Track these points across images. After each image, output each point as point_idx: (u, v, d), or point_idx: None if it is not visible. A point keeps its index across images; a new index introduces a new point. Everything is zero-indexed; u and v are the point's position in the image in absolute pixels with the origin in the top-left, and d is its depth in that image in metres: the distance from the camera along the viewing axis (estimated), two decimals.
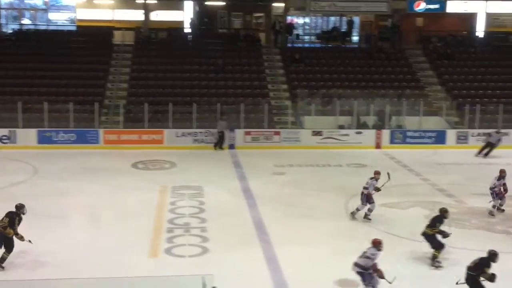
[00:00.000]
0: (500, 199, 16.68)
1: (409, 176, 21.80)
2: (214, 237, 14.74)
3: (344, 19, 35.84)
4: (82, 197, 18.22)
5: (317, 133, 26.53)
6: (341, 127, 27.22)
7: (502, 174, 16.67)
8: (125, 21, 34.15)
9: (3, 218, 12.38)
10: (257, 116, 27.11)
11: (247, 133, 26.21)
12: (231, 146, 25.86)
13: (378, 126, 27.13)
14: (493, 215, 16.60)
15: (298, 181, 20.72)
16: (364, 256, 11.30)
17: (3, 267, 12.24)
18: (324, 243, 14.41)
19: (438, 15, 33.32)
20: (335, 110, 27.56)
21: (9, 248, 12.31)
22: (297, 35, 36.16)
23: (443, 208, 14.07)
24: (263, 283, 12.11)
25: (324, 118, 27.62)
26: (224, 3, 33.60)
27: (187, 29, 34.52)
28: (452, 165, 23.26)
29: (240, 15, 35.99)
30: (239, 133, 26.12)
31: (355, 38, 36.11)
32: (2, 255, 12.30)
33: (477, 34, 35.43)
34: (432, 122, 27.65)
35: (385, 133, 26.74)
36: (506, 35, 35.29)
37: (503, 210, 16.90)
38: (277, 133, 26.30)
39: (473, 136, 26.84)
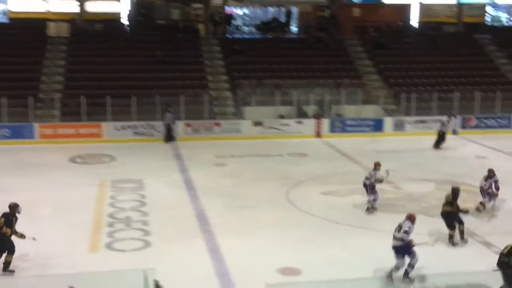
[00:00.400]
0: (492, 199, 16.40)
1: (349, 164, 22.13)
2: (156, 230, 14.61)
3: (283, 9, 35.98)
4: (19, 193, 17.48)
5: (257, 124, 26.60)
6: (281, 117, 27.36)
7: (490, 174, 16.21)
8: (60, 12, 33.25)
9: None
10: (197, 107, 26.92)
11: (188, 125, 26.06)
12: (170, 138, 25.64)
13: (318, 116, 27.39)
14: (480, 211, 16.15)
15: (240, 171, 20.74)
16: (403, 231, 11.72)
17: (13, 271, 11.84)
18: (266, 233, 14.47)
19: (374, 6, 33.88)
20: (275, 100, 27.68)
21: (11, 249, 11.90)
22: (236, 26, 36.08)
23: (455, 186, 14.54)
24: (206, 274, 12.07)
25: (264, 108, 27.69)
26: None
27: (125, 21, 33.92)
28: (390, 152, 23.68)
29: (179, 6, 35.59)
30: (180, 125, 25.93)
31: (294, 29, 36.29)
32: (5, 259, 11.87)
33: (411, 24, 36.18)
34: (370, 111, 28.13)
35: (325, 122, 27.07)
36: (439, 24, 36.23)
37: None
38: (218, 124, 26.25)
39: (409, 123, 27.49)
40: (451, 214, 13.99)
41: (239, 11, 37.33)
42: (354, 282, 10.76)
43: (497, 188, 16.22)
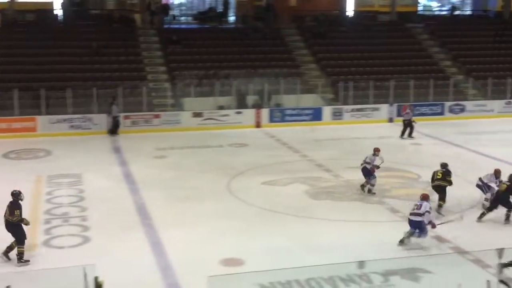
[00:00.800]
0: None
1: (289, 153, 22.27)
2: (95, 225, 14.33)
3: None
4: None
5: (197, 115, 26.47)
6: (221, 107, 27.29)
7: (496, 175, 15.62)
8: None
9: (6, 210, 12.11)
10: (135, 99, 26.56)
11: (126, 117, 25.65)
12: (111, 131, 25.22)
13: (258, 105, 27.46)
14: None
15: (180, 163, 20.59)
16: (425, 210, 12.74)
17: (27, 261, 11.83)
18: (208, 224, 14.42)
19: None
20: (215, 91, 27.59)
21: (21, 239, 11.80)
22: (174, 16, 35.73)
23: (444, 162, 15.61)
24: (148, 268, 11.92)
25: (204, 99, 27.56)
26: None
27: (58, 11, 33.06)
28: (329, 141, 24.00)
29: None
30: None
31: (232, 18, 36.23)
32: (17, 250, 11.77)
33: (347, 13, 36.62)
34: (309, 100, 28.35)
35: (265, 112, 27.18)
36: (374, 14, 36.83)
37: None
38: (157, 116, 25.96)
39: (347, 112, 27.87)
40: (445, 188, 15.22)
41: (176, 1, 36.96)
42: (296, 270, 10.86)
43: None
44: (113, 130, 24.89)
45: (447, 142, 23.69)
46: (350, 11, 36.75)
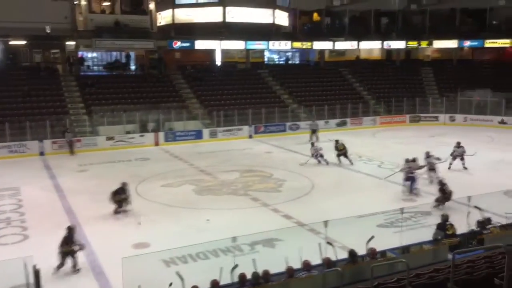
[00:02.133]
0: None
1: (179, 163, 22.01)
2: (33, 225, 13.32)
3: (123, 53, 34.68)
4: None
5: (110, 138, 25.36)
6: (128, 132, 26.35)
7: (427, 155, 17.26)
8: None
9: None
10: (61, 129, 24.93)
11: (54, 142, 23.99)
12: (41, 153, 23.49)
13: (156, 130, 26.85)
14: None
15: (99, 174, 19.62)
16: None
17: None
18: (121, 219, 13.88)
19: (190, 50, 33.93)
20: (123, 120, 26.64)
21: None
22: (88, 66, 34.06)
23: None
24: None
25: (115, 127, 26.43)
26: (25, 42, 30.16)
27: None
28: (208, 153, 24.00)
29: (40, 51, 32.68)
30: (47, 143, 23.81)
31: (133, 67, 35.17)
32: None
33: (217, 63, 36.94)
34: (192, 124, 28.17)
35: (161, 134, 26.59)
36: (235, 63, 37.42)
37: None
38: (78, 140, 24.54)
39: (220, 132, 28.01)
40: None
41: (89, 54, 35.27)
42: (189, 247, 10.74)
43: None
44: (71, 151, 23.63)
45: (289, 150, 24.57)
46: (218, 61, 37.06)
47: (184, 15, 18.39)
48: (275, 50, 39.37)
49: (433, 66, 39.04)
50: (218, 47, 33.58)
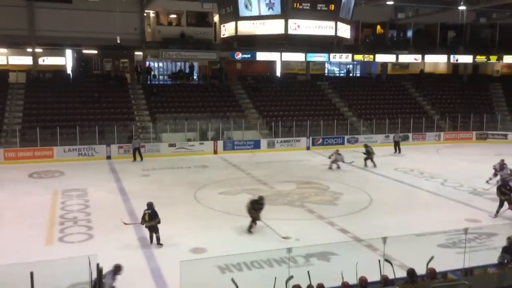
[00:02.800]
0: None
1: (237, 172, 22.26)
2: (97, 225, 13.93)
3: (187, 63, 35.78)
4: None
5: (172, 145, 26.16)
6: (188, 140, 27.08)
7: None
8: (18, 65, 31.10)
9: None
10: (126, 134, 26.07)
11: (120, 147, 25.08)
12: (108, 157, 24.62)
13: (215, 138, 27.38)
14: None
15: (160, 180, 20.26)
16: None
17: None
18: (180, 223, 14.22)
19: (251, 61, 34.45)
20: (184, 128, 27.40)
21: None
22: (154, 75, 35.43)
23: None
24: (137, 257, 11.65)
25: (176, 134, 27.26)
26: (97, 52, 31.89)
27: (69, 71, 32.35)
28: (265, 163, 24.12)
29: (110, 60, 34.41)
30: (114, 147, 24.94)
31: (196, 77, 36.16)
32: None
33: (277, 74, 37.20)
34: (251, 134, 28.46)
35: (220, 143, 27.06)
36: (294, 75, 37.49)
37: None
38: (143, 146, 25.45)
39: (278, 143, 28.08)
40: None
41: (156, 64, 36.70)
42: (244, 255, 10.81)
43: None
44: (140, 157, 24.20)
45: (346, 163, 24.17)
46: (278, 72, 37.31)
47: (246, 27, 18.64)
48: (336, 62, 39.05)
49: (502, 81, 37.15)
50: (278, 58, 33.81)
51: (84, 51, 31.71)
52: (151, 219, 12.40)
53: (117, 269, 9.09)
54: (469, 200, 16.81)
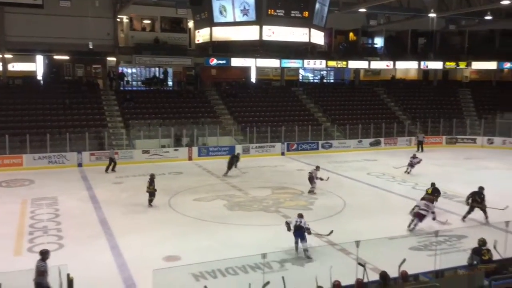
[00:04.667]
0: None
1: (212, 178, 22.16)
2: (68, 235, 13.61)
3: (162, 69, 35.53)
4: None
5: (145, 152, 25.87)
6: (163, 146, 26.83)
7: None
8: None
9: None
10: (99, 141, 25.67)
11: (92, 154, 24.66)
12: (79, 165, 24.16)
13: (190, 144, 27.21)
14: None
15: (133, 187, 19.95)
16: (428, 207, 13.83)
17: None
18: (154, 230, 14.05)
19: (226, 67, 34.46)
20: (158, 134, 27.14)
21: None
22: (127, 81, 35.01)
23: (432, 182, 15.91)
24: (108, 266, 11.43)
25: (150, 140, 26.98)
26: (68, 57, 31.33)
27: (39, 77, 31.70)
28: (239, 170, 24.03)
29: (82, 66, 33.86)
30: (85, 154, 24.50)
31: (170, 83, 35.92)
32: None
33: (252, 80, 37.29)
34: (226, 140, 28.39)
35: (195, 149, 26.90)
36: (269, 81, 37.66)
37: None
38: (116, 153, 24.99)
39: (253, 148, 28.09)
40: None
41: (129, 70, 36.30)
42: (218, 262, 10.74)
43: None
44: (112, 166, 23.14)
45: (321, 169, 24.32)
46: (253, 78, 37.42)
47: (221, 33, 18.66)
48: (310, 68, 39.41)
49: (471, 87, 38.14)
50: (253, 64, 33.93)
51: (55, 57, 31.11)
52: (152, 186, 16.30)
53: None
54: (440, 204, 17.11)
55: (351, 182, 20.94)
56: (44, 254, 9.28)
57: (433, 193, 15.82)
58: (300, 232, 11.94)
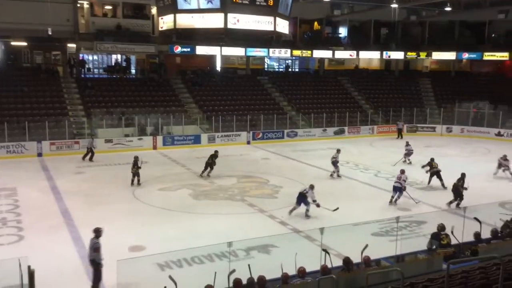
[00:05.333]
0: None
1: (177, 167, 22.00)
2: (28, 226, 13.23)
3: (124, 56, 34.73)
4: None
5: (108, 141, 25.34)
6: (126, 135, 26.34)
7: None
8: None
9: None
10: (60, 130, 24.93)
11: (52, 144, 23.95)
12: (39, 154, 23.45)
13: (154, 133, 26.85)
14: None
15: (96, 177, 19.58)
16: (402, 180, 15.62)
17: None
18: (118, 221, 13.82)
19: (191, 55, 34.03)
20: (122, 123, 26.63)
21: None
22: (88, 68, 34.07)
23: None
24: (71, 257, 11.20)
25: (113, 129, 26.43)
26: (26, 44, 30.15)
27: None
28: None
29: (41, 53, 32.66)
30: (45, 144, 23.77)
31: (133, 71, 35.19)
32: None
33: (217, 68, 37.04)
34: (191, 129, 28.18)
35: (159, 138, 26.58)
36: (235, 69, 37.50)
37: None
38: (77, 142, 24.48)
39: (218, 137, 28.00)
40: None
41: (90, 57, 35.32)
42: (184, 251, 10.70)
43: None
44: (90, 157, 22.65)
45: (286, 157, 24.59)
46: (218, 67, 37.17)
47: (185, 21, 18.36)
48: (275, 57, 39.47)
49: (431, 77, 39.19)
50: (218, 53, 33.66)
51: (13, 43, 29.90)
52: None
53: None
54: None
55: (316, 170, 21.20)
56: (97, 232, 9.78)
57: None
58: (302, 198, 14.25)
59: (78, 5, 30.35)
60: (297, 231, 12.91)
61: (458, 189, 15.36)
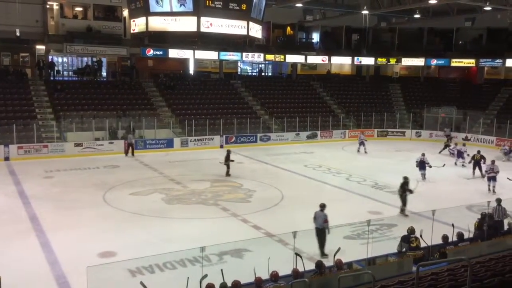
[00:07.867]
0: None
1: (149, 171, 21.70)
2: None
3: (95, 59, 34.14)
4: None
5: (78, 145, 24.83)
6: (97, 139, 25.88)
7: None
8: None
9: None
10: (28, 134, 24.29)
11: (20, 148, 23.32)
12: (7, 158, 22.77)
13: (125, 137, 26.43)
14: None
15: (65, 181, 19.13)
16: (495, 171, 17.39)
17: None
18: (88, 227, 13.54)
19: (163, 59, 33.73)
20: (92, 126, 26.14)
21: None
22: (58, 70, 33.32)
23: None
24: (39, 263, 10.88)
25: (83, 133, 25.95)
26: None
27: None
28: (178, 162, 23.78)
29: (9, 54, 31.77)
30: (13, 148, 23.12)
31: (104, 74, 34.63)
32: None
33: (190, 72, 36.83)
34: (164, 133, 27.92)
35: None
36: (208, 73, 37.39)
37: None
38: (46, 146, 23.92)
39: (191, 141, 27.81)
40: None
41: (60, 59, 34.57)
42: (156, 257, 10.56)
43: None
44: (131, 152, 25.14)
45: (259, 161, 24.62)
46: (191, 70, 36.96)
47: (158, 23, 18.20)
48: (249, 61, 39.55)
49: (401, 82, 40.00)
50: (191, 56, 33.49)
51: None
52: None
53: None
54: (372, 194, 17.89)
55: (288, 174, 21.31)
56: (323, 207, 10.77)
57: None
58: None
59: (48, 6, 29.74)
60: (270, 235, 12.91)
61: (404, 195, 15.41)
